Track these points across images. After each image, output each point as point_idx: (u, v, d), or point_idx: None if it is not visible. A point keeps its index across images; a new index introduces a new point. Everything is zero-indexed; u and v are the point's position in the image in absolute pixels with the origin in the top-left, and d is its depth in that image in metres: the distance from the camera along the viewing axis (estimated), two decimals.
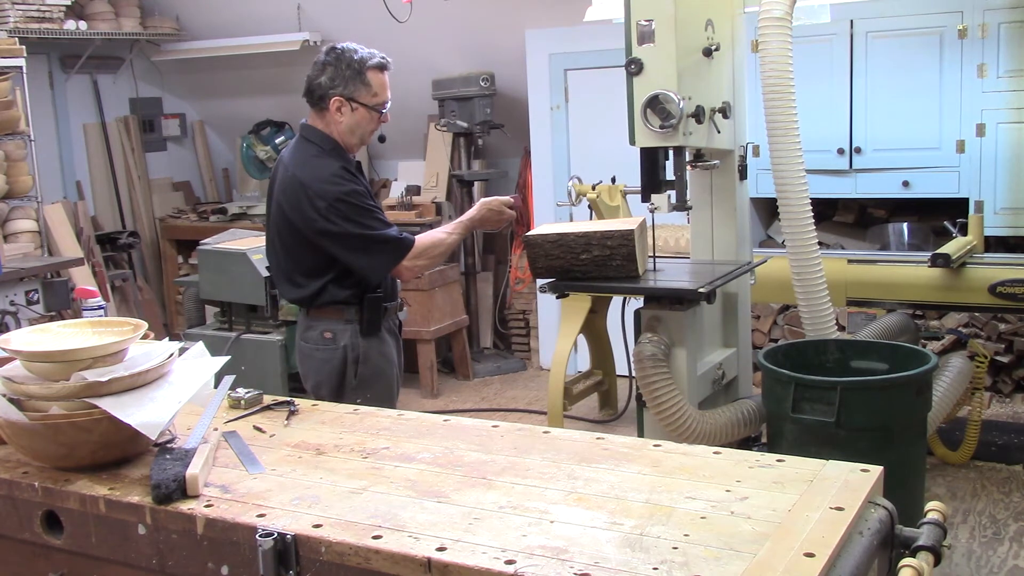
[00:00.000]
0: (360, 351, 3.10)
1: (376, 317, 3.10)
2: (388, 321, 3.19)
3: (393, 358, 3.22)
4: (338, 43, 3.06)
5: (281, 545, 1.54)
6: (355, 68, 2.99)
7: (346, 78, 2.99)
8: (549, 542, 1.48)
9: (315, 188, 2.96)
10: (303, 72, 3.13)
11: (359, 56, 3.01)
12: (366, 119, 3.05)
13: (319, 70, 3.02)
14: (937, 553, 1.54)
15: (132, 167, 7.62)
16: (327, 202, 2.95)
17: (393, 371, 3.21)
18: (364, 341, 3.10)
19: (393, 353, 3.22)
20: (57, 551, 1.82)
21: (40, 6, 6.26)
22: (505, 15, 6.27)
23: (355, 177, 3.05)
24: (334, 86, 3.00)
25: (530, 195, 6.61)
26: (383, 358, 3.17)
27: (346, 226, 2.96)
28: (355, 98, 3.01)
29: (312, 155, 3.05)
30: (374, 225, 3.01)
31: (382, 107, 3.07)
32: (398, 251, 3.05)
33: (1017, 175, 4.86)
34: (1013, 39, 4.76)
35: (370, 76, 3.01)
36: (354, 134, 3.06)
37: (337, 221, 2.96)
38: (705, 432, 3.53)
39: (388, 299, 3.17)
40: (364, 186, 3.07)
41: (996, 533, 3.88)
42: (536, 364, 6.63)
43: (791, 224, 3.71)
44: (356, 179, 3.05)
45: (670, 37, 3.30)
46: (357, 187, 3.02)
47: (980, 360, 4.28)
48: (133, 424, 1.75)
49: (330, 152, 3.06)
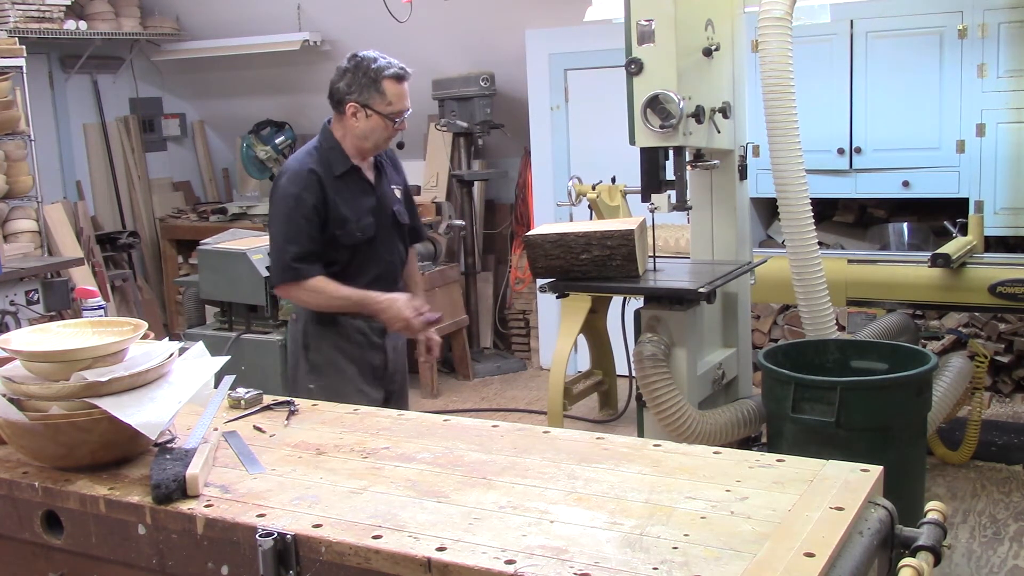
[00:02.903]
0: (311, 338, 3.18)
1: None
2: (359, 319, 3.18)
3: (355, 355, 3.19)
4: (361, 51, 3.12)
5: (281, 545, 1.54)
6: (371, 76, 3.06)
7: (362, 85, 3.07)
8: (549, 542, 1.48)
9: (281, 176, 3.14)
10: (303, 72, 3.15)
11: (377, 65, 3.07)
12: (380, 126, 3.11)
13: (340, 75, 3.11)
14: (937, 553, 1.54)
15: (132, 167, 7.62)
16: (274, 192, 3.15)
17: (350, 368, 3.18)
18: (316, 328, 3.17)
19: (357, 351, 3.18)
20: (57, 551, 1.82)
21: (40, 6, 6.26)
22: (505, 15, 6.27)
23: (317, 185, 3.05)
24: (350, 92, 3.08)
25: (530, 195, 6.62)
26: (337, 351, 3.18)
27: (271, 221, 3.17)
28: (370, 105, 3.07)
29: (306, 147, 3.18)
30: (285, 237, 3.06)
31: (396, 116, 3.12)
32: (285, 272, 3.07)
33: (1017, 175, 4.87)
34: (1013, 39, 4.76)
35: (385, 85, 3.07)
36: (368, 140, 3.12)
37: (271, 211, 3.17)
38: (705, 432, 3.53)
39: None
40: (320, 198, 3.04)
41: (996, 533, 3.88)
42: (536, 364, 6.63)
43: (791, 224, 3.71)
44: (315, 188, 3.04)
45: (670, 37, 3.31)
46: (304, 195, 3.03)
47: (980, 360, 4.28)
48: (133, 424, 1.75)
49: (322, 150, 3.12)
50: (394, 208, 3.23)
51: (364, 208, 3.15)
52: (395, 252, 3.27)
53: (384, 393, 3.26)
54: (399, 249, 3.29)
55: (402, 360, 3.36)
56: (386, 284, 3.20)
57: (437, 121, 6.52)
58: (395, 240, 3.26)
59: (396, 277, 3.28)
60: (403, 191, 3.33)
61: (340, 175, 3.12)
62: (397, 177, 3.33)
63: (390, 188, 3.26)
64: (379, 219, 3.18)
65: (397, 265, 3.29)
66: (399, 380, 3.35)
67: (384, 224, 3.20)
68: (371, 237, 3.15)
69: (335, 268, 3.11)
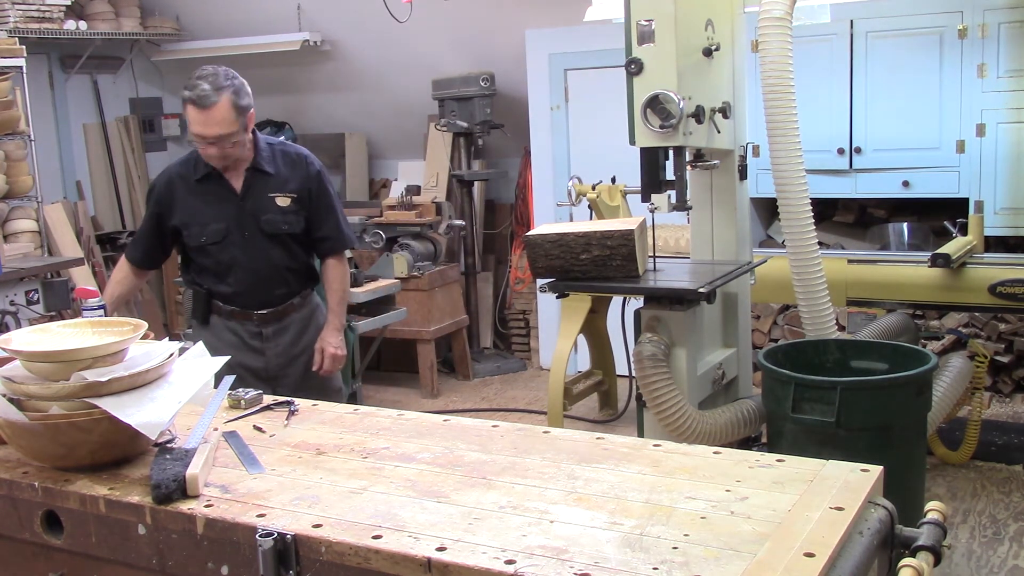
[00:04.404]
0: (192, 335, 3.37)
1: (199, 306, 3.33)
2: (233, 320, 3.28)
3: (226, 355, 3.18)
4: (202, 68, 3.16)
5: (281, 545, 1.54)
6: (183, 98, 3.12)
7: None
8: (549, 542, 1.48)
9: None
10: (303, 72, 3.16)
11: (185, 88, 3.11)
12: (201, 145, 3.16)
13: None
14: (937, 553, 1.54)
15: (132, 167, 7.62)
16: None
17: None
18: (195, 325, 3.38)
19: (229, 351, 3.07)
20: (57, 551, 1.82)
21: (40, 6, 6.25)
22: (505, 15, 6.27)
23: (168, 188, 3.28)
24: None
25: (530, 195, 6.61)
26: (208, 348, 3.18)
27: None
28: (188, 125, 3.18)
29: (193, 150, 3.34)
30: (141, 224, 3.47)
31: (200, 140, 3.13)
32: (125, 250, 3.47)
33: (1017, 175, 4.87)
34: (1013, 39, 4.76)
35: (187, 110, 3.11)
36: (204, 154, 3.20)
37: None
38: (705, 432, 3.53)
39: (220, 295, 3.29)
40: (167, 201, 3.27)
41: (996, 533, 3.88)
42: (536, 364, 6.63)
43: (791, 224, 3.71)
44: (165, 190, 3.29)
45: (670, 37, 3.31)
46: (155, 193, 3.33)
47: (980, 360, 4.28)
48: (133, 424, 1.75)
49: (195, 153, 3.26)
50: (263, 217, 3.22)
51: (216, 214, 3.21)
52: (265, 260, 3.25)
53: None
54: (275, 256, 3.27)
55: (298, 364, 3.35)
56: (262, 291, 3.26)
57: (437, 121, 6.52)
58: (266, 248, 3.24)
59: (273, 286, 3.29)
60: (300, 199, 3.27)
61: (199, 179, 3.23)
62: (292, 184, 3.27)
63: (268, 196, 3.23)
64: (241, 226, 3.21)
65: (273, 273, 3.28)
66: (289, 383, 3.29)
67: (248, 232, 3.22)
68: (220, 242, 3.21)
69: (204, 270, 3.29)
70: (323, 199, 3.33)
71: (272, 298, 3.29)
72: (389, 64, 6.86)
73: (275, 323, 3.30)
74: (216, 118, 3.05)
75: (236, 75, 3.15)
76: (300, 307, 3.36)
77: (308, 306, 3.40)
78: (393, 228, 6.17)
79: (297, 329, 3.35)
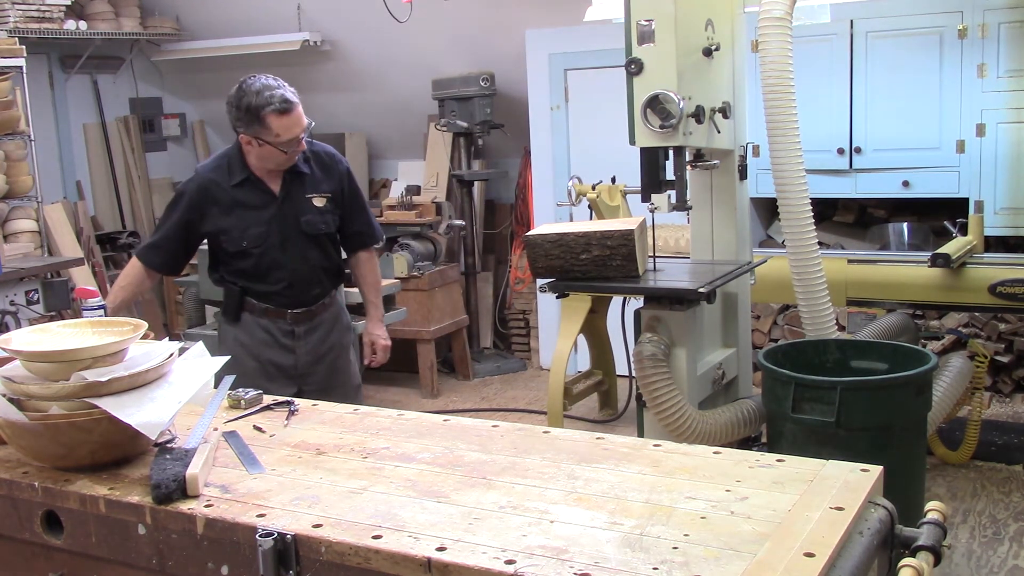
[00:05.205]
0: (221, 333, 3.39)
1: (232, 304, 3.30)
2: (265, 318, 3.28)
3: (258, 352, 3.29)
4: (251, 78, 3.16)
5: (281, 545, 1.54)
6: (253, 113, 3.09)
7: (246, 121, 3.11)
8: (549, 542, 1.48)
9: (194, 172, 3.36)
10: (303, 72, 3.17)
11: (257, 102, 3.08)
12: (275, 153, 3.14)
13: (228, 105, 3.17)
14: (937, 553, 1.54)
15: (132, 167, 7.62)
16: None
17: (250, 364, 3.24)
18: (224, 323, 3.36)
19: (260, 348, 3.27)
20: (57, 551, 1.82)
21: (40, 6, 6.26)
22: (505, 15, 6.27)
23: (202, 195, 3.22)
24: (238, 125, 3.15)
25: (530, 195, 6.61)
26: (239, 345, 3.28)
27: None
28: (260, 136, 3.11)
29: (221, 152, 3.33)
30: (159, 224, 3.38)
31: (286, 146, 3.13)
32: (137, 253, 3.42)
33: (1017, 175, 4.86)
34: (1013, 39, 4.76)
35: (270, 120, 3.08)
36: (268, 162, 3.19)
37: None
38: (705, 432, 3.53)
39: (255, 294, 3.28)
40: (198, 210, 3.21)
41: (996, 533, 3.88)
42: (536, 364, 6.63)
43: (791, 224, 3.71)
44: (199, 198, 3.22)
45: (670, 37, 3.31)
46: (185, 199, 3.23)
47: (980, 360, 4.28)
48: (133, 424, 1.75)
49: (228, 158, 3.24)
50: (303, 218, 3.25)
51: (256, 218, 3.21)
52: (304, 261, 3.28)
53: (296, 391, 3.26)
54: (313, 257, 3.30)
55: (325, 362, 3.38)
56: (299, 291, 3.28)
57: (437, 121, 6.52)
58: (305, 249, 3.27)
59: (310, 286, 3.31)
60: (334, 198, 3.31)
61: (237, 184, 3.21)
62: (326, 184, 3.31)
63: (306, 198, 3.26)
64: (281, 229, 3.23)
65: (311, 273, 3.31)
66: (316, 380, 3.34)
67: (289, 234, 3.24)
68: (264, 245, 3.21)
69: (241, 272, 3.25)
70: (354, 195, 3.40)
71: (308, 298, 3.32)
72: (389, 64, 6.86)
73: (307, 322, 3.33)
74: (297, 118, 3.14)
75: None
76: (329, 306, 3.41)
77: (335, 305, 3.45)
78: (393, 228, 6.17)
79: (327, 328, 3.39)
